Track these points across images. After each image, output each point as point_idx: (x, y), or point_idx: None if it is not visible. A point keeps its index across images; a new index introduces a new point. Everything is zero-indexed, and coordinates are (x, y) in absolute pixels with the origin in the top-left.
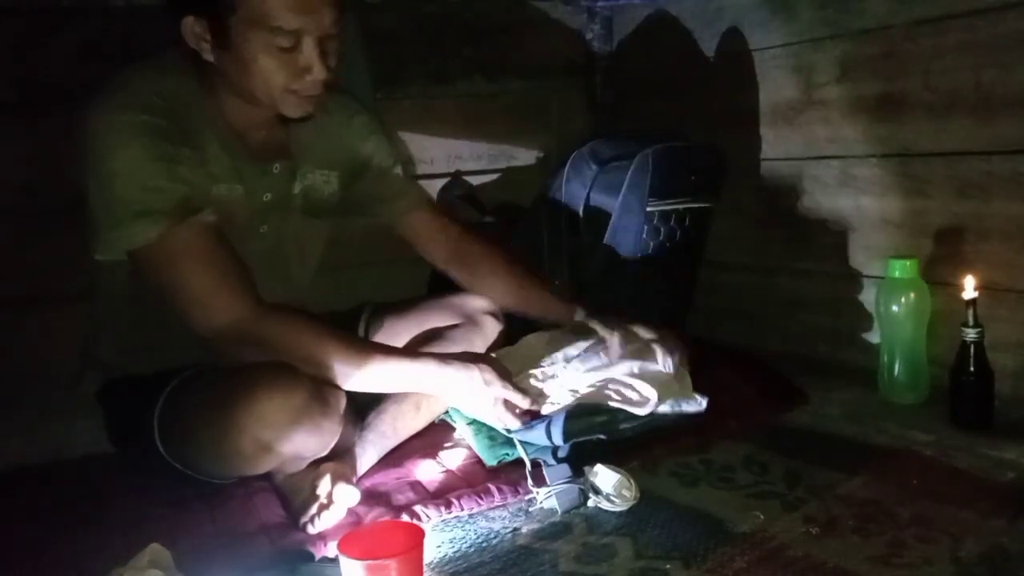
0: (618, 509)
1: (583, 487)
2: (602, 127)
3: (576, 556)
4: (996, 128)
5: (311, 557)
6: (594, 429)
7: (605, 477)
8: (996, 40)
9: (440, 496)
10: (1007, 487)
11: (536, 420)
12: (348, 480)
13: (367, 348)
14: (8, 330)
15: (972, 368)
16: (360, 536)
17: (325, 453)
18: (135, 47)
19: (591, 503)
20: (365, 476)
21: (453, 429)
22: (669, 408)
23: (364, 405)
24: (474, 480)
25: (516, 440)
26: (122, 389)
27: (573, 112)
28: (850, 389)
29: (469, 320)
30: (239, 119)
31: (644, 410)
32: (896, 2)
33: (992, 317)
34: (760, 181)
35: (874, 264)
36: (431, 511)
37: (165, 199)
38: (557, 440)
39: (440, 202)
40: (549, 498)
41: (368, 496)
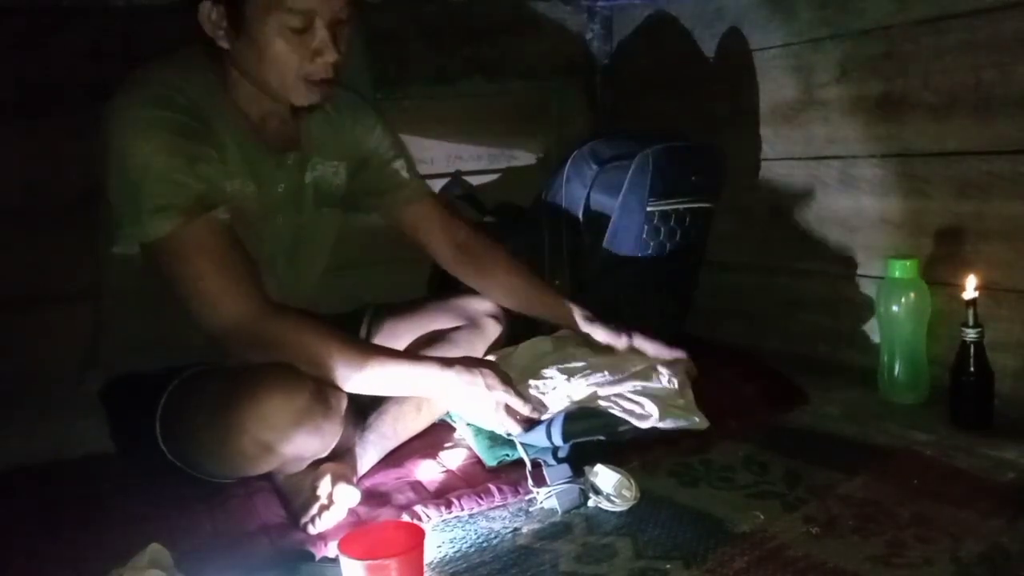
0: (618, 509)
1: (583, 487)
2: (602, 127)
3: (576, 556)
4: (996, 128)
5: (311, 557)
6: (594, 430)
7: (605, 477)
8: (996, 40)
9: (440, 496)
10: (1007, 487)
11: (538, 423)
12: (349, 480)
13: (370, 351)
14: (8, 330)
15: (972, 368)
16: (360, 536)
17: (326, 454)
18: (135, 47)
19: (591, 503)
20: (365, 476)
21: (453, 429)
22: (670, 425)
23: (365, 406)
24: (474, 480)
25: (516, 441)
26: (124, 388)
27: (573, 112)
28: (850, 389)
29: (471, 322)
30: (254, 111)
31: (645, 424)
32: (896, 2)
33: (992, 317)
34: (760, 181)
35: (874, 264)
36: (431, 511)
37: (183, 194)
38: (557, 441)
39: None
40: (549, 498)
41: (368, 496)
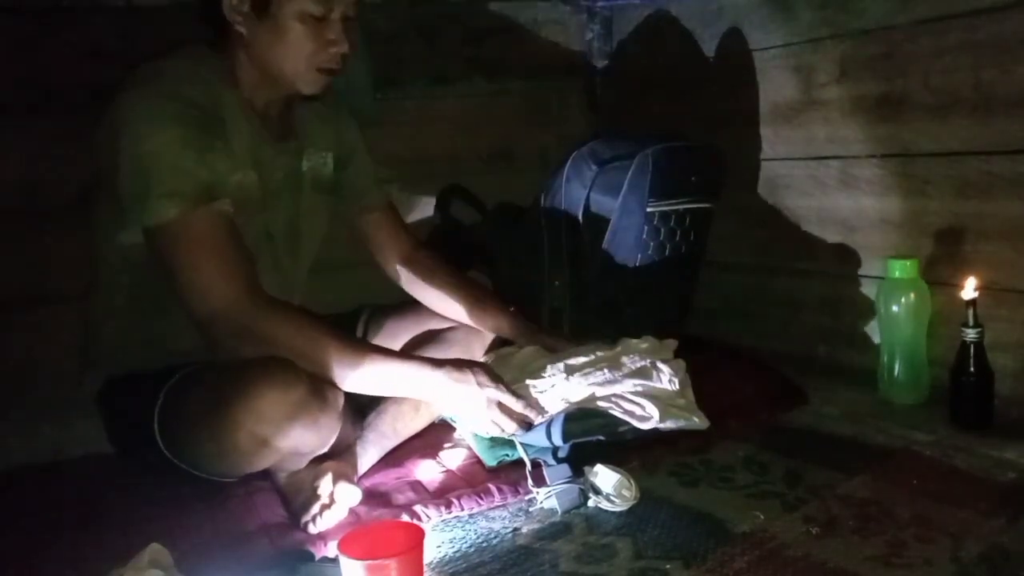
0: (618, 509)
1: (583, 487)
2: (602, 127)
3: (576, 556)
4: (996, 128)
5: (311, 557)
6: (594, 430)
7: (605, 477)
8: (996, 40)
9: (440, 496)
10: (1007, 487)
11: (534, 425)
12: (349, 479)
13: (363, 349)
14: (8, 330)
15: (972, 368)
16: (360, 536)
17: (324, 450)
18: (135, 47)
19: (591, 503)
20: (365, 476)
21: (453, 429)
22: (671, 425)
23: (364, 404)
24: (474, 480)
25: (516, 440)
26: (122, 388)
27: (573, 112)
28: (850, 389)
29: (467, 323)
30: (258, 101)
31: (646, 425)
32: (896, 2)
33: (992, 317)
34: (760, 181)
35: (874, 264)
36: (431, 511)
37: (191, 183)
38: (557, 441)
39: (439, 202)
40: (549, 498)
41: (368, 496)
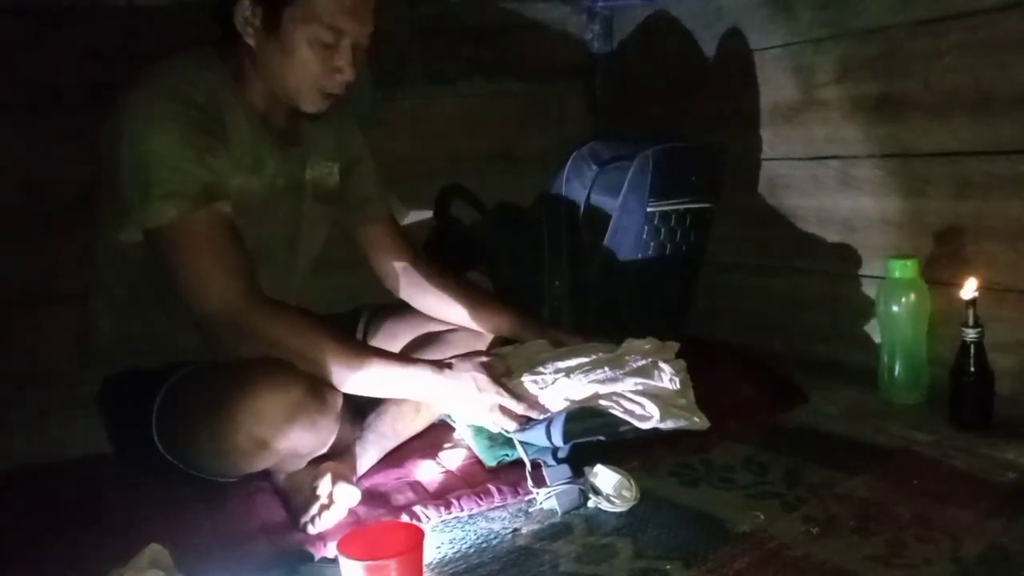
0: (618, 509)
1: (583, 487)
2: (602, 128)
3: (576, 556)
4: (996, 128)
5: (311, 557)
6: (594, 430)
7: (605, 477)
8: (996, 40)
9: (440, 496)
10: (1007, 487)
11: (535, 421)
12: (348, 480)
13: (363, 351)
14: (8, 330)
15: (972, 368)
16: (360, 536)
17: (323, 451)
18: (135, 47)
19: (591, 503)
20: (365, 476)
21: (453, 430)
22: (671, 425)
23: (364, 405)
24: (474, 480)
25: (516, 441)
26: (121, 388)
27: (573, 112)
28: (850, 389)
29: (469, 326)
30: (262, 107)
31: (646, 425)
32: (896, 2)
33: (992, 317)
34: (760, 181)
35: (874, 264)
36: (431, 511)
37: (191, 183)
38: (557, 441)
39: (439, 202)
40: (549, 499)
41: (368, 496)
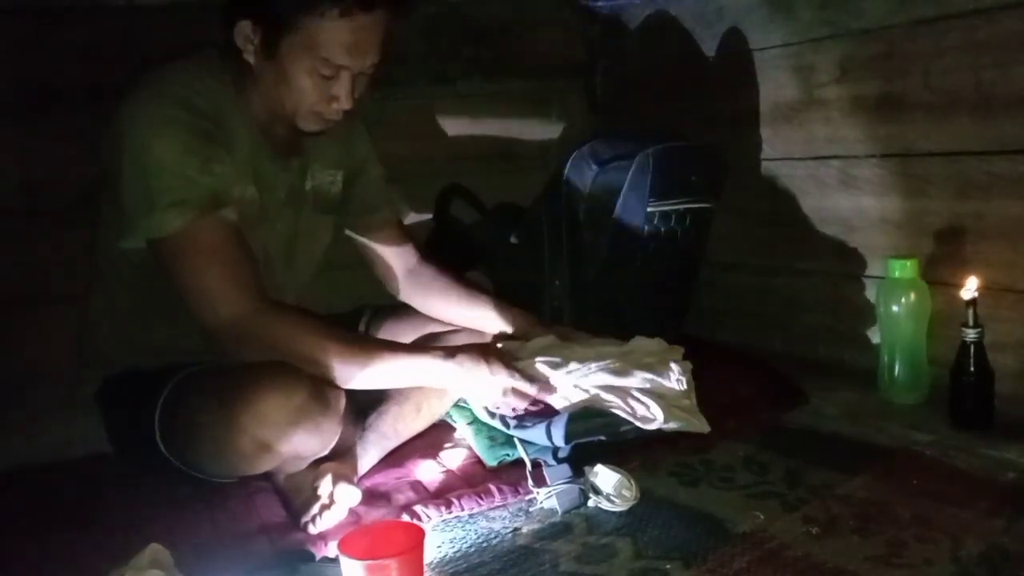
0: (618, 509)
1: (583, 487)
2: (602, 127)
3: (576, 556)
4: (996, 128)
5: (311, 557)
6: (595, 431)
7: (605, 477)
8: (996, 40)
9: (440, 496)
10: (1007, 487)
11: (537, 420)
12: (349, 480)
13: (371, 346)
14: (8, 330)
15: (972, 368)
16: (360, 536)
17: (325, 453)
18: (136, 47)
19: (591, 503)
20: (366, 476)
21: (453, 429)
22: (673, 427)
23: (365, 405)
24: (474, 480)
25: (516, 440)
26: (122, 388)
27: (573, 112)
28: (850, 389)
29: (473, 326)
30: (263, 117)
31: (650, 426)
32: (896, 2)
33: (992, 317)
34: (760, 181)
35: (874, 264)
36: (431, 511)
37: (196, 192)
38: (558, 441)
39: (439, 202)
40: (549, 498)
41: (369, 496)
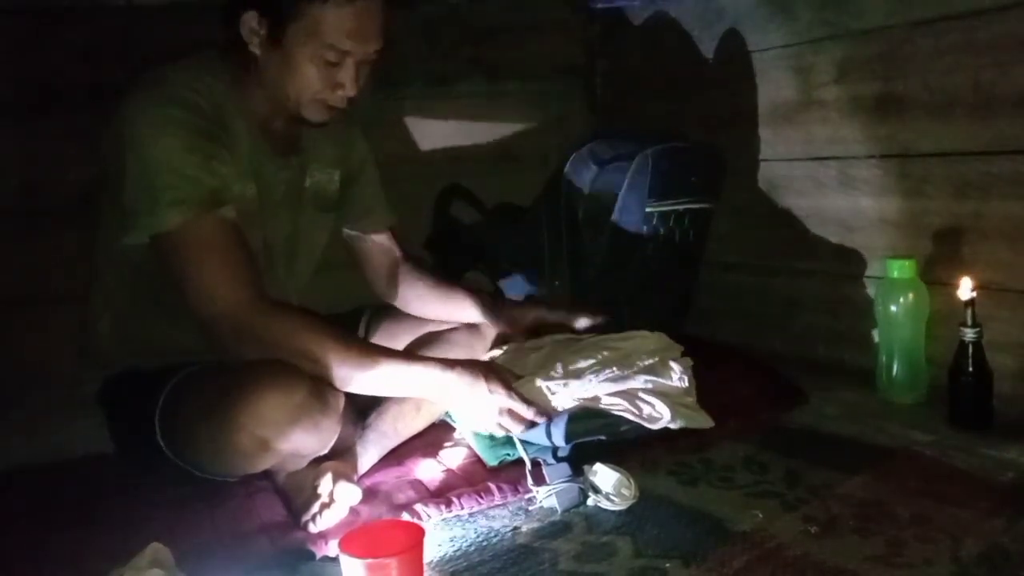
0: (618, 508)
1: (583, 486)
2: (602, 128)
3: (576, 555)
4: (995, 128)
5: (312, 556)
6: (596, 430)
7: (605, 476)
8: (996, 40)
9: (440, 495)
10: (1007, 487)
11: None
12: (349, 479)
13: (371, 350)
14: (8, 330)
15: (971, 368)
16: (361, 535)
17: (325, 452)
18: (135, 47)
19: (591, 502)
20: (366, 475)
21: (453, 429)
22: (679, 424)
23: (365, 405)
24: (474, 479)
25: (516, 440)
26: (122, 387)
27: (573, 112)
28: (850, 389)
29: (468, 323)
30: (263, 115)
31: (656, 426)
32: (895, 3)
33: (992, 317)
34: (760, 181)
35: (873, 264)
36: (431, 510)
37: (198, 189)
38: (558, 441)
39: (439, 202)
40: (549, 497)
41: (369, 495)
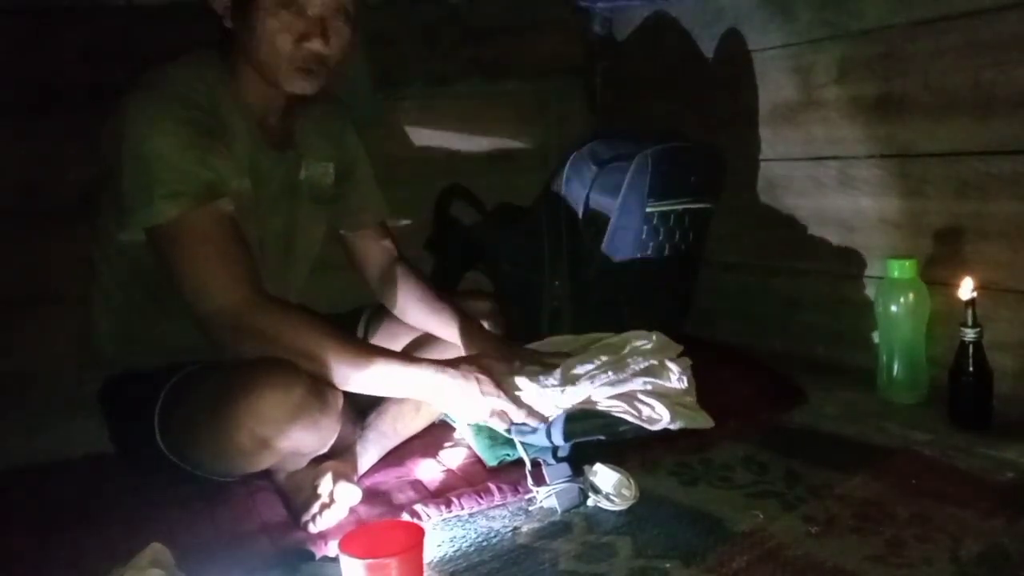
0: (618, 508)
1: (583, 486)
2: (602, 127)
3: (576, 555)
4: (995, 128)
5: (312, 556)
6: (595, 430)
7: (605, 476)
8: (996, 40)
9: (440, 495)
10: (1007, 487)
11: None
12: (349, 479)
13: (366, 350)
14: (8, 330)
15: (971, 368)
16: (360, 535)
17: (324, 450)
18: (135, 47)
19: (591, 502)
20: (366, 475)
21: (453, 429)
22: (679, 425)
23: (365, 405)
24: (474, 479)
25: (516, 440)
26: (122, 387)
27: (573, 112)
28: (850, 389)
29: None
30: (258, 107)
31: (656, 427)
32: (895, 3)
33: (992, 317)
34: (760, 181)
35: (873, 264)
36: (431, 510)
37: (193, 182)
38: (557, 441)
39: (439, 202)
40: (549, 497)
41: (369, 495)
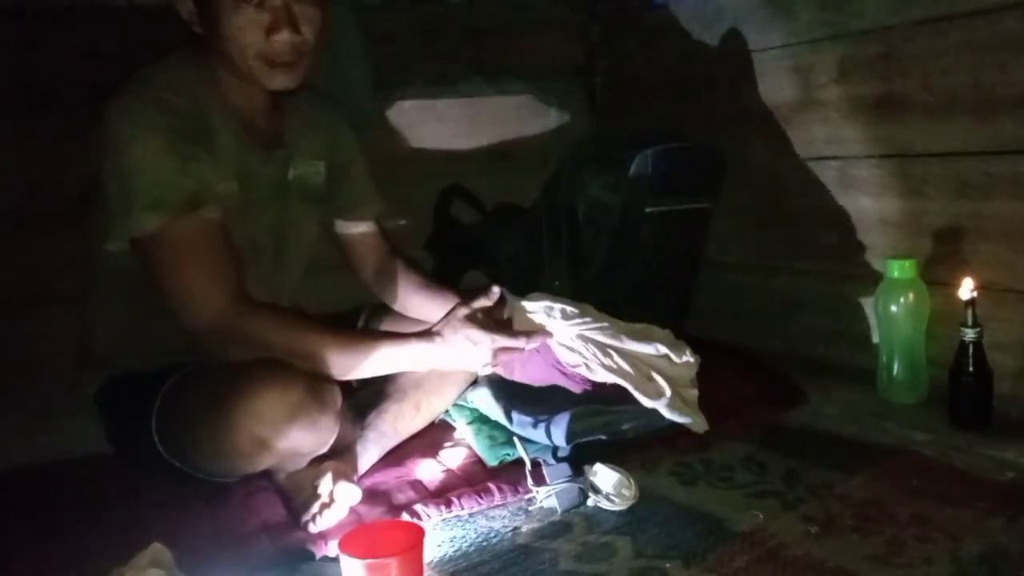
0: (618, 508)
1: (583, 486)
2: (602, 127)
3: (576, 555)
4: (995, 128)
5: (312, 556)
6: (596, 430)
7: (605, 476)
8: (996, 40)
9: (440, 495)
10: (1007, 487)
11: (539, 419)
12: (349, 479)
13: (354, 336)
14: (8, 330)
15: (971, 368)
16: (360, 535)
17: (323, 450)
18: (135, 47)
19: (591, 502)
20: (366, 475)
21: (453, 429)
22: (674, 417)
23: (364, 404)
24: (474, 479)
25: (516, 439)
26: (120, 389)
27: (573, 112)
28: (849, 389)
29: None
30: (243, 107)
31: (652, 404)
32: (895, 3)
33: (992, 317)
34: (760, 181)
35: (873, 264)
36: (431, 510)
37: (174, 192)
38: (559, 441)
39: (439, 202)
40: (549, 497)
41: (369, 495)
